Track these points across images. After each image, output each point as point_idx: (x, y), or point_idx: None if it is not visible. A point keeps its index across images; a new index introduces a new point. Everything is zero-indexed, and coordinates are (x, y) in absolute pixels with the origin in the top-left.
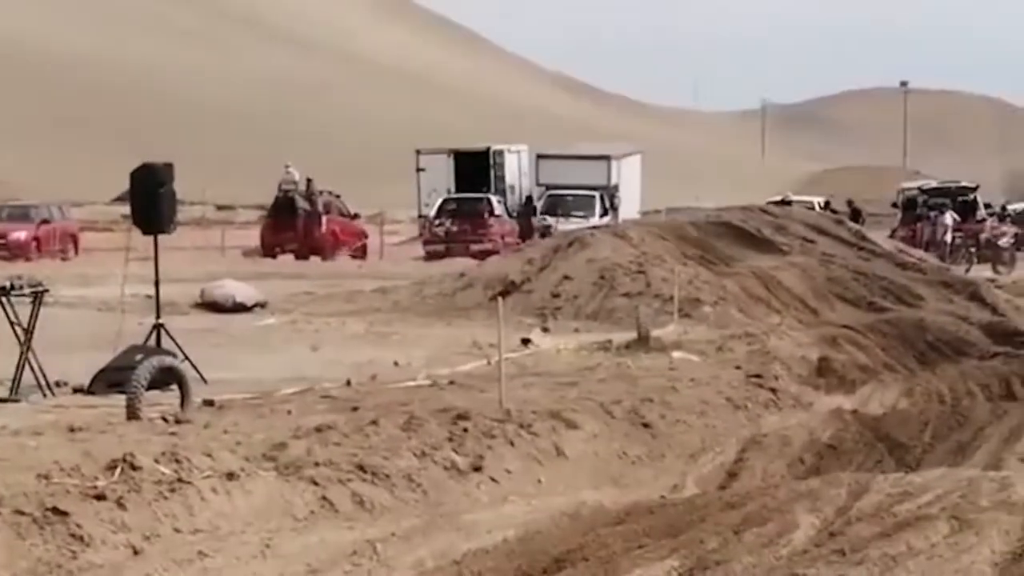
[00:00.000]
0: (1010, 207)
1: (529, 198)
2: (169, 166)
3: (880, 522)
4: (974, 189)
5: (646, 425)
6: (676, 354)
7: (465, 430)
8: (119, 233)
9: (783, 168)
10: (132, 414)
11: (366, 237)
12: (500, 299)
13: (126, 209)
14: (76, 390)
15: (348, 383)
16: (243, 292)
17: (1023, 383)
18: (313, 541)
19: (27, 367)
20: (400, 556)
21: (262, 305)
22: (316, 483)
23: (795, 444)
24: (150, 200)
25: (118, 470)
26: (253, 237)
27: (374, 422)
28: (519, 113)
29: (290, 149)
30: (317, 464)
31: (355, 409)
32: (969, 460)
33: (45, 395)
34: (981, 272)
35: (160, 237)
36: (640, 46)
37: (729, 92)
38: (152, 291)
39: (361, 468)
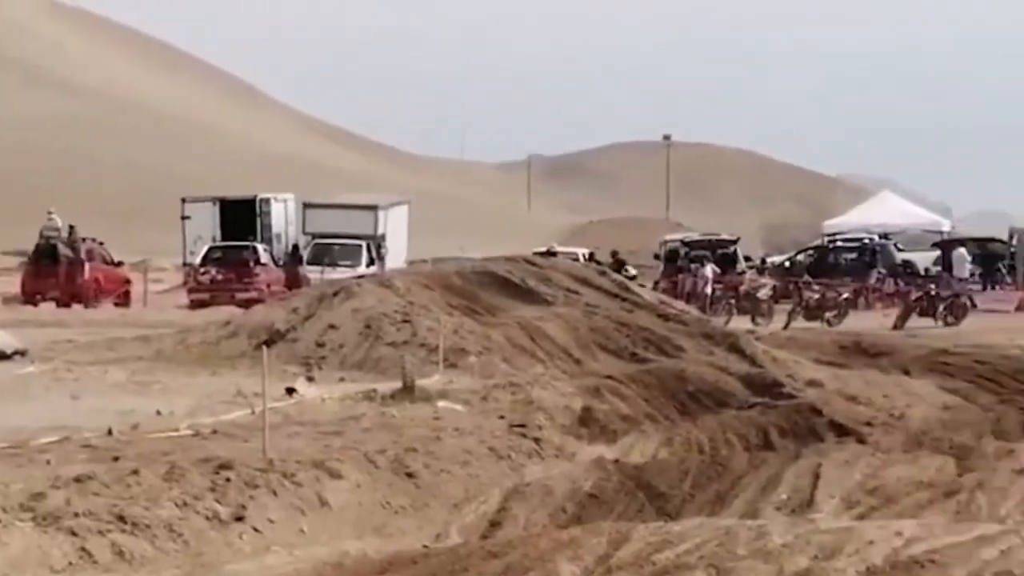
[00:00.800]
0: (769, 260)
1: (295, 247)
2: None
3: (639, 571)
4: (734, 242)
5: (410, 475)
6: (441, 403)
7: (228, 480)
8: None
9: (548, 219)
10: None
11: (130, 284)
12: (265, 348)
13: None
14: None
15: (109, 432)
16: (2, 340)
17: (780, 433)
18: None
19: None
20: None
21: (22, 353)
22: (75, 534)
23: (557, 493)
24: None
25: None
26: (14, 284)
27: (135, 472)
28: (289, 163)
29: (55, 195)
30: (76, 514)
31: (116, 459)
32: (727, 509)
33: None
34: (740, 324)
35: None
36: (411, 97)
37: (495, 143)
38: None
39: (121, 518)
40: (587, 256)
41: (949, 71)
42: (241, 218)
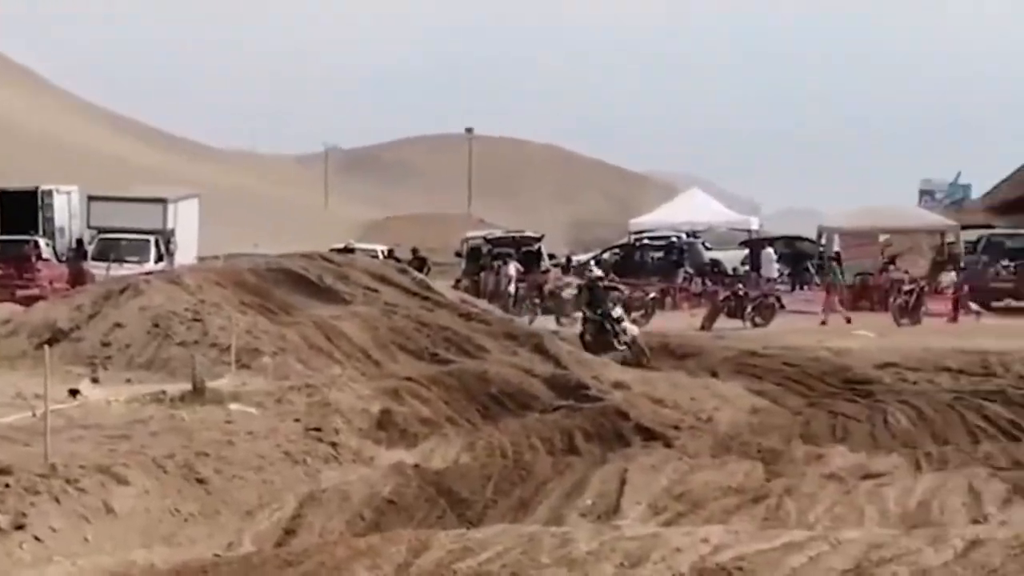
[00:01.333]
0: (574, 258)
1: (80, 241)
2: None
3: None
4: (538, 239)
5: (201, 480)
6: (233, 406)
7: (7, 486)
8: None
9: (347, 214)
10: None
11: None
12: (47, 347)
13: None
14: None
15: None
16: None
17: (586, 437)
18: None
19: None
20: None
21: None
22: None
23: (355, 499)
24: None
25: None
26: None
27: None
28: (76, 154)
29: None
30: None
31: None
32: (531, 515)
33: None
34: (545, 324)
35: None
36: (205, 88)
37: (292, 135)
38: None
39: None
40: (386, 253)
41: (759, 72)
42: (22, 210)
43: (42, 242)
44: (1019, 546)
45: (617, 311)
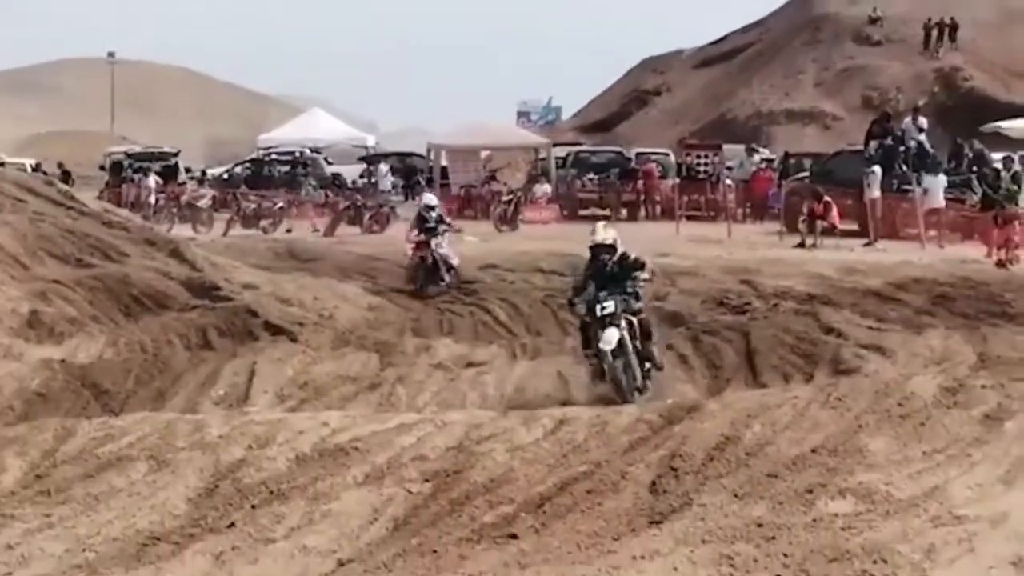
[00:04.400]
0: (209, 172)
1: None
2: None
3: (84, 464)
4: (175, 154)
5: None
6: None
7: None
8: None
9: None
10: None
11: None
12: None
13: None
14: None
15: None
16: None
17: (219, 333)
18: None
19: None
20: None
21: None
22: None
23: (5, 392)
24: None
25: None
26: None
27: None
28: None
29: None
30: None
31: None
32: (168, 404)
33: None
34: (182, 231)
35: None
36: None
37: None
38: None
39: None
40: (34, 167)
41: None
42: None
43: None
44: (600, 423)
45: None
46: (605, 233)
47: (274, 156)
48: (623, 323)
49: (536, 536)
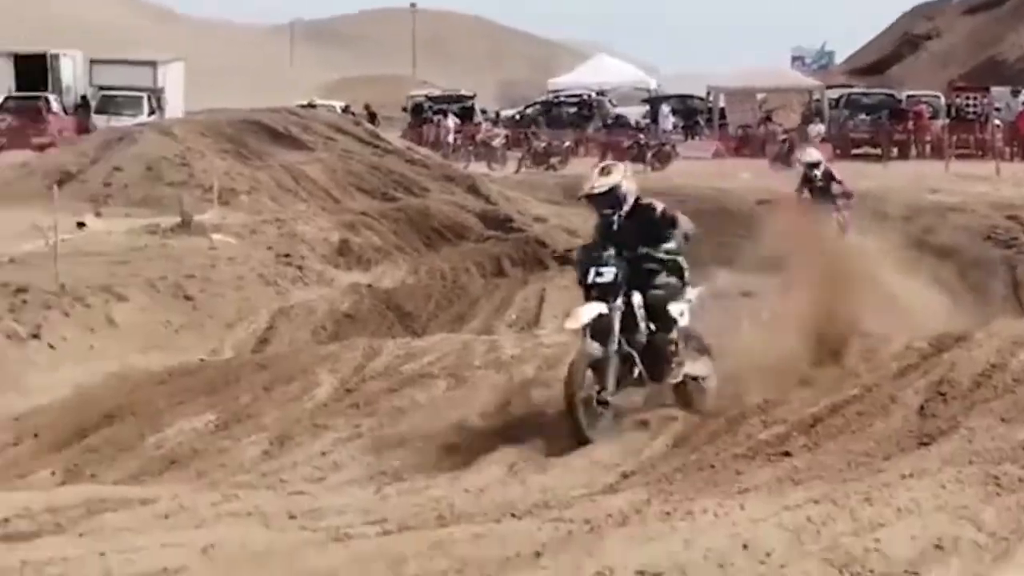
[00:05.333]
0: (503, 112)
1: (84, 98)
2: None
3: (389, 379)
4: (472, 97)
5: (188, 298)
6: (215, 236)
7: (24, 302)
8: None
9: (309, 77)
10: None
11: None
12: (57, 187)
13: None
14: None
15: None
16: None
17: (512, 262)
18: None
19: None
20: None
21: None
22: None
23: (318, 314)
24: None
25: None
26: None
27: None
28: (72, 23)
29: None
30: None
31: None
32: (466, 327)
33: None
34: (478, 168)
35: None
36: None
37: (261, 7)
38: None
39: None
40: (343, 108)
41: None
42: (34, 72)
43: (52, 98)
44: (870, 350)
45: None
46: (602, 179)
47: (562, 98)
48: (620, 301)
49: (809, 454)
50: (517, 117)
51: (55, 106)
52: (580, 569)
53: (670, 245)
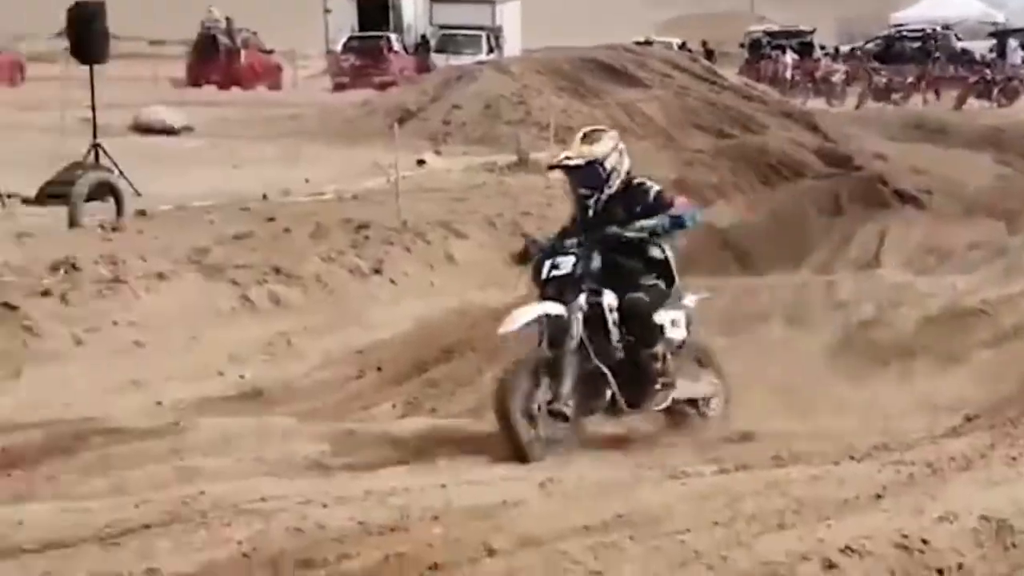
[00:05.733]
0: (842, 48)
1: (424, 37)
2: (101, 4)
3: (729, 317)
4: (811, 32)
5: (525, 235)
6: (552, 174)
7: (367, 238)
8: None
9: (646, 14)
10: (73, 222)
11: (280, 70)
12: (398, 125)
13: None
14: (24, 201)
15: (264, 197)
16: (172, 117)
17: (851, 200)
18: (234, 333)
19: None
20: (310, 346)
21: (189, 128)
22: (236, 283)
23: None
24: (84, 34)
25: (61, 271)
26: (180, 69)
27: (287, 230)
28: None
29: None
30: (237, 266)
31: (270, 219)
32: (803, 265)
33: None
34: (816, 104)
35: (97, 68)
36: None
37: None
38: (90, 115)
39: (276, 270)
40: (679, 45)
41: None
42: (376, 12)
43: (393, 37)
44: None
45: None
46: (583, 148)
47: (905, 33)
48: (583, 300)
49: None
50: (857, 52)
51: (396, 45)
52: (922, 512)
53: (649, 223)
